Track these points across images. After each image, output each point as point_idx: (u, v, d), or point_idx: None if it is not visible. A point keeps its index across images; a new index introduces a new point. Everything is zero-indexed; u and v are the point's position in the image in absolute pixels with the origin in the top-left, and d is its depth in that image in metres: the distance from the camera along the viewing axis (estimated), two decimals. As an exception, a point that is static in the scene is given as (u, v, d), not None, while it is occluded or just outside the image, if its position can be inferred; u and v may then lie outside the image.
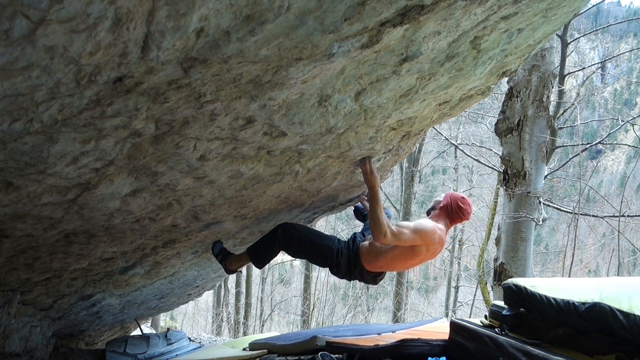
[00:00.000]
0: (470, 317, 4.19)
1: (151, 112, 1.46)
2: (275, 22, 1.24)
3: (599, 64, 9.18)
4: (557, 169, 7.00)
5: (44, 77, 1.09)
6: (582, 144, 5.95)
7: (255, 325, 13.49)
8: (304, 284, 13.43)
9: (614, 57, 10.69)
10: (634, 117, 6.57)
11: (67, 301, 3.47)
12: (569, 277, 5.63)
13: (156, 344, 4.86)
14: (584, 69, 7.40)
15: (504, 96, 5.52)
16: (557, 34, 5.70)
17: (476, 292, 10.31)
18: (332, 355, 2.62)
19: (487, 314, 2.42)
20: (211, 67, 1.33)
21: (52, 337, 3.83)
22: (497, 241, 5.50)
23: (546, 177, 5.52)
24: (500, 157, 5.66)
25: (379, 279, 2.98)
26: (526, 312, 2.16)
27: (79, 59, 1.08)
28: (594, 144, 6.33)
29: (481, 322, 2.38)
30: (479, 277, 8.23)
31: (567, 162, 6.95)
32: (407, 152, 3.34)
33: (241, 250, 4.00)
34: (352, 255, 2.81)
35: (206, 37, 1.20)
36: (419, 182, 12.54)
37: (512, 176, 5.21)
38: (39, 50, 1.01)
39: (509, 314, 2.20)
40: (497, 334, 2.11)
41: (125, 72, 1.21)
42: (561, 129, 6.48)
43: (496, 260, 5.36)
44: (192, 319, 17.77)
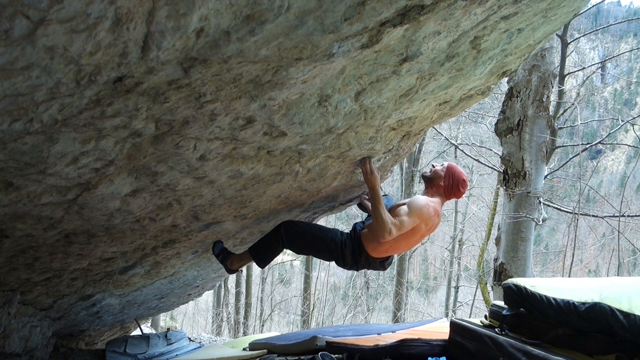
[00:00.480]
0: (470, 317, 4.19)
1: (151, 112, 1.46)
2: (275, 22, 1.24)
3: (599, 64, 9.18)
4: (557, 169, 7.00)
5: (44, 77, 1.09)
6: (582, 144, 5.95)
7: (255, 325, 13.49)
8: (304, 284, 13.43)
9: (614, 57, 10.68)
10: (634, 117, 6.57)
11: (67, 301, 3.47)
12: (569, 277, 5.63)
13: (156, 344, 4.86)
14: (584, 69, 7.40)
15: (504, 96, 5.52)
16: (557, 34, 5.70)
17: (476, 292, 10.32)
18: (332, 355, 2.62)
19: (487, 314, 2.42)
20: (211, 67, 1.33)
21: (52, 337, 3.83)
22: (497, 241, 5.50)
23: (546, 177, 5.52)
24: (500, 157, 5.67)
25: (387, 264, 2.95)
26: (526, 312, 2.16)
27: (79, 59, 1.08)
28: (594, 144, 6.33)
29: (481, 322, 2.38)
30: (479, 277, 8.23)
31: (567, 162, 6.96)
32: (407, 152, 3.34)
33: (241, 250, 4.00)
34: (355, 245, 2.79)
35: (206, 37, 1.20)
36: (419, 182, 12.54)
37: (512, 176, 5.22)
38: (39, 50, 1.01)
39: (509, 314, 2.20)
40: (497, 334, 2.11)
41: (125, 72, 1.21)
42: (561, 129, 6.48)
43: (496, 260, 5.36)
44: (192, 319, 17.78)
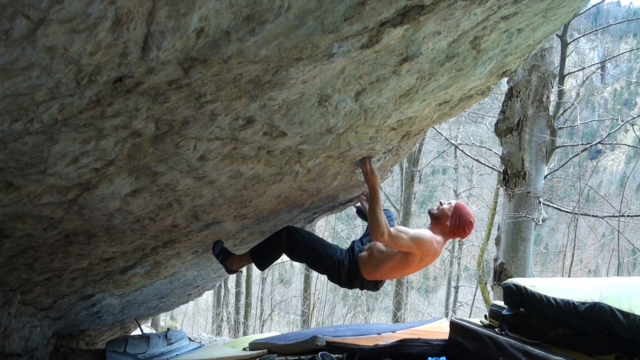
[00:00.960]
0: (470, 317, 4.19)
1: (151, 112, 1.46)
2: (275, 22, 1.24)
3: (598, 64, 9.20)
4: (557, 169, 7.00)
5: (44, 77, 1.09)
6: (582, 144, 5.95)
7: (255, 325, 13.49)
8: (304, 284, 13.43)
9: (613, 57, 10.71)
10: (634, 117, 6.58)
11: (67, 301, 3.47)
12: (569, 277, 5.63)
13: (156, 344, 4.86)
14: (584, 69, 7.41)
15: (504, 96, 5.52)
16: (557, 34, 5.70)
17: (476, 292, 10.32)
18: (332, 355, 2.62)
19: (487, 314, 2.42)
20: (211, 67, 1.33)
21: (52, 337, 3.83)
22: (497, 241, 5.50)
23: (546, 177, 5.52)
24: (500, 157, 5.66)
25: (380, 285, 2.98)
26: (526, 312, 2.16)
27: (79, 59, 1.08)
28: (594, 144, 6.33)
29: (481, 322, 2.38)
30: (479, 277, 8.23)
31: (567, 162, 6.96)
32: (407, 152, 3.34)
33: (242, 250, 4.00)
34: (352, 267, 2.81)
35: (206, 37, 1.20)
36: (419, 182, 12.55)
37: (512, 176, 5.22)
38: (39, 50, 1.01)
39: (509, 314, 2.20)
40: (497, 334, 2.11)
41: (125, 72, 1.21)
42: (561, 129, 6.48)
43: (496, 260, 5.36)
44: (192, 319, 17.78)
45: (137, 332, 6.04)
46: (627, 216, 5.53)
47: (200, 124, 1.65)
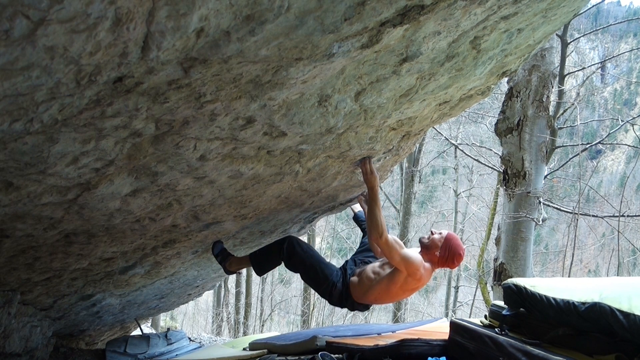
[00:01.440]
0: (470, 317, 4.19)
1: (151, 112, 1.46)
2: (275, 22, 1.24)
3: (599, 64, 9.19)
4: (557, 169, 7.00)
5: (44, 77, 1.09)
6: (582, 144, 5.94)
7: (255, 325, 13.49)
8: (304, 284, 13.41)
9: (614, 57, 10.70)
10: (634, 117, 6.57)
11: (67, 301, 3.47)
12: (569, 277, 5.63)
13: (156, 344, 4.86)
14: (584, 69, 7.40)
15: (504, 96, 5.52)
16: (557, 34, 5.70)
17: (476, 292, 10.32)
18: (332, 355, 2.62)
19: (487, 314, 2.42)
20: (211, 67, 1.33)
21: (52, 337, 3.83)
22: (497, 241, 5.50)
23: (546, 177, 5.52)
24: (500, 157, 5.66)
25: (370, 306, 3.03)
26: (526, 312, 2.16)
27: (79, 59, 1.08)
28: (594, 144, 6.33)
29: (481, 322, 2.38)
30: (479, 277, 8.23)
31: (567, 162, 6.96)
32: (407, 152, 3.34)
33: (241, 250, 4.00)
34: (343, 290, 2.84)
35: (206, 37, 1.20)
36: (419, 182, 12.55)
37: (512, 176, 5.21)
38: (39, 50, 1.01)
39: (509, 314, 2.20)
40: (497, 334, 2.11)
41: (125, 72, 1.21)
42: (561, 129, 6.48)
43: (496, 260, 5.36)
44: (192, 319, 17.77)
45: (137, 332, 6.04)
46: (627, 216, 5.53)
47: (200, 124, 1.65)
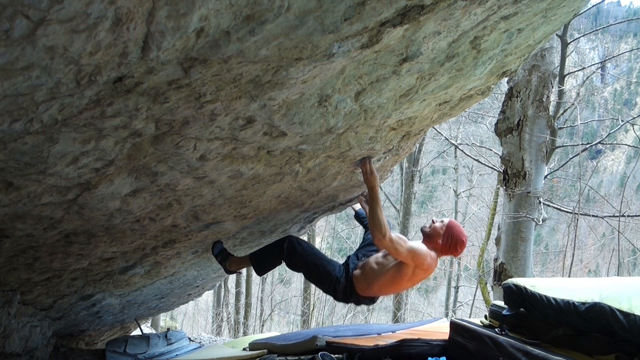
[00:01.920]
0: (470, 317, 4.19)
1: (151, 112, 1.46)
2: (275, 22, 1.24)
3: (599, 64, 9.19)
4: (557, 169, 7.00)
5: (44, 77, 1.09)
6: (582, 144, 5.94)
7: (255, 325, 13.49)
8: (304, 284, 13.42)
9: (614, 57, 10.71)
10: (634, 117, 6.57)
11: (67, 301, 3.47)
12: (569, 277, 5.63)
13: (156, 344, 4.86)
14: (584, 69, 7.40)
15: (504, 96, 5.52)
16: (557, 34, 5.70)
17: (476, 292, 10.32)
18: (332, 355, 2.62)
19: (487, 314, 2.42)
20: (211, 67, 1.33)
21: (52, 337, 3.83)
22: (497, 241, 5.50)
23: (546, 177, 5.52)
24: (500, 157, 5.66)
25: (376, 299, 3.00)
26: (526, 312, 2.16)
27: (79, 59, 1.08)
28: (594, 144, 6.33)
29: (481, 322, 2.38)
30: (479, 277, 8.23)
31: (567, 162, 6.95)
32: (407, 152, 3.34)
33: (241, 250, 4.00)
34: (348, 285, 2.81)
35: (206, 37, 1.20)
36: (419, 182, 12.55)
37: (512, 176, 5.21)
38: (39, 50, 1.01)
39: (509, 314, 2.20)
40: (497, 334, 2.11)
41: (125, 72, 1.21)
42: (561, 129, 6.47)
43: (496, 260, 5.36)
44: (192, 319, 17.77)
45: (137, 332, 6.04)
46: (627, 216, 5.53)
47: (200, 124, 1.65)
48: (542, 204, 5.19)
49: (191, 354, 4.67)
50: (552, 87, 5.40)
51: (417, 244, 2.69)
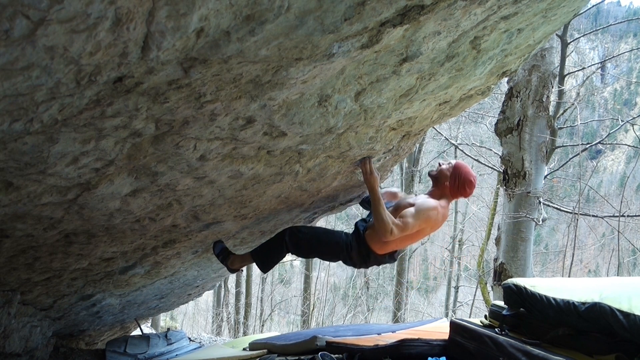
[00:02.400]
0: (470, 317, 4.19)
1: (151, 112, 1.46)
2: (275, 22, 1.24)
3: (599, 64, 9.19)
4: (557, 169, 7.00)
5: (44, 77, 1.09)
6: (582, 144, 5.94)
7: (255, 325, 13.49)
8: (304, 284, 13.42)
9: (614, 57, 10.70)
10: (634, 117, 6.57)
11: (67, 301, 3.47)
12: (569, 277, 5.63)
13: (156, 344, 4.85)
14: (584, 69, 7.39)
15: (504, 96, 5.52)
16: (557, 34, 5.70)
17: (476, 292, 10.31)
18: (332, 355, 2.62)
19: (487, 314, 2.42)
20: (211, 67, 1.33)
21: (52, 337, 3.83)
22: (497, 241, 5.50)
23: (546, 177, 5.52)
24: (500, 157, 5.66)
25: (397, 255, 2.93)
26: (526, 312, 2.16)
27: (79, 59, 1.08)
28: (594, 144, 6.33)
29: (481, 322, 2.38)
30: (479, 277, 8.23)
31: (567, 162, 6.95)
32: (407, 152, 3.34)
33: (242, 250, 3.99)
34: (361, 246, 2.76)
35: (206, 37, 1.20)
36: (419, 182, 12.53)
37: (512, 176, 5.21)
38: (39, 50, 1.01)
39: (509, 314, 2.20)
40: (497, 334, 2.11)
41: (125, 72, 1.21)
42: (561, 129, 6.48)
43: (496, 260, 5.36)
44: (192, 319, 17.76)
45: (137, 332, 6.04)
46: (627, 216, 5.53)
47: (200, 124, 1.65)
48: (542, 204, 5.19)
49: (191, 354, 4.67)
50: (552, 87, 5.40)
51: (424, 204, 2.64)
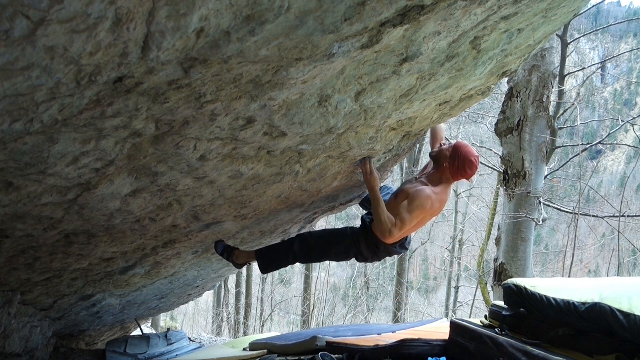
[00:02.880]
0: (470, 317, 4.19)
1: (151, 112, 1.46)
2: (275, 22, 1.24)
3: (599, 64, 9.19)
4: (557, 169, 7.00)
5: (44, 77, 1.09)
6: (582, 144, 5.95)
7: (255, 325, 13.49)
8: (304, 284, 13.43)
9: (613, 57, 10.71)
10: (634, 117, 6.58)
11: (67, 301, 3.47)
12: (569, 277, 5.63)
13: (156, 344, 4.85)
14: (584, 69, 7.39)
15: (504, 96, 5.52)
16: (557, 34, 5.70)
17: (476, 292, 10.32)
18: (332, 355, 2.62)
19: (487, 314, 2.42)
20: (211, 67, 1.33)
21: (52, 337, 3.82)
22: (497, 241, 5.50)
23: (546, 177, 5.52)
24: (500, 157, 5.67)
25: (407, 243, 2.93)
26: (526, 312, 2.16)
27: (79, 59, 1.08)
28: (594, 144, 6.33)
29: (481, 322, 2.38)
30: (479, 277, 8.23)
31: (567, 162, 6.96)
32: (407, 152, 3.34)
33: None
34: (370, 238, 2.76)
35: (206, 37, 1.20)
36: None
37: (512, 176, 5.22)
38: (39, 50, 1.01)
39: (509, 314, 2.20)
40: (497, 334, 2.11)
41: (125, 72, 1.21)
42: (561, 129, 6.48)
43: (496, 260, 5.36)
44: (192, 319, 17.77)
45: (137, 332, 6.04)
46: (627, 216, 5.53)
47: (200, 124, 1.65)
48: (542, 204, 5.19)
49: (191, 354, 4.67)
50: (552, 87, 5.40)
51: (417, 195, 2.61)
